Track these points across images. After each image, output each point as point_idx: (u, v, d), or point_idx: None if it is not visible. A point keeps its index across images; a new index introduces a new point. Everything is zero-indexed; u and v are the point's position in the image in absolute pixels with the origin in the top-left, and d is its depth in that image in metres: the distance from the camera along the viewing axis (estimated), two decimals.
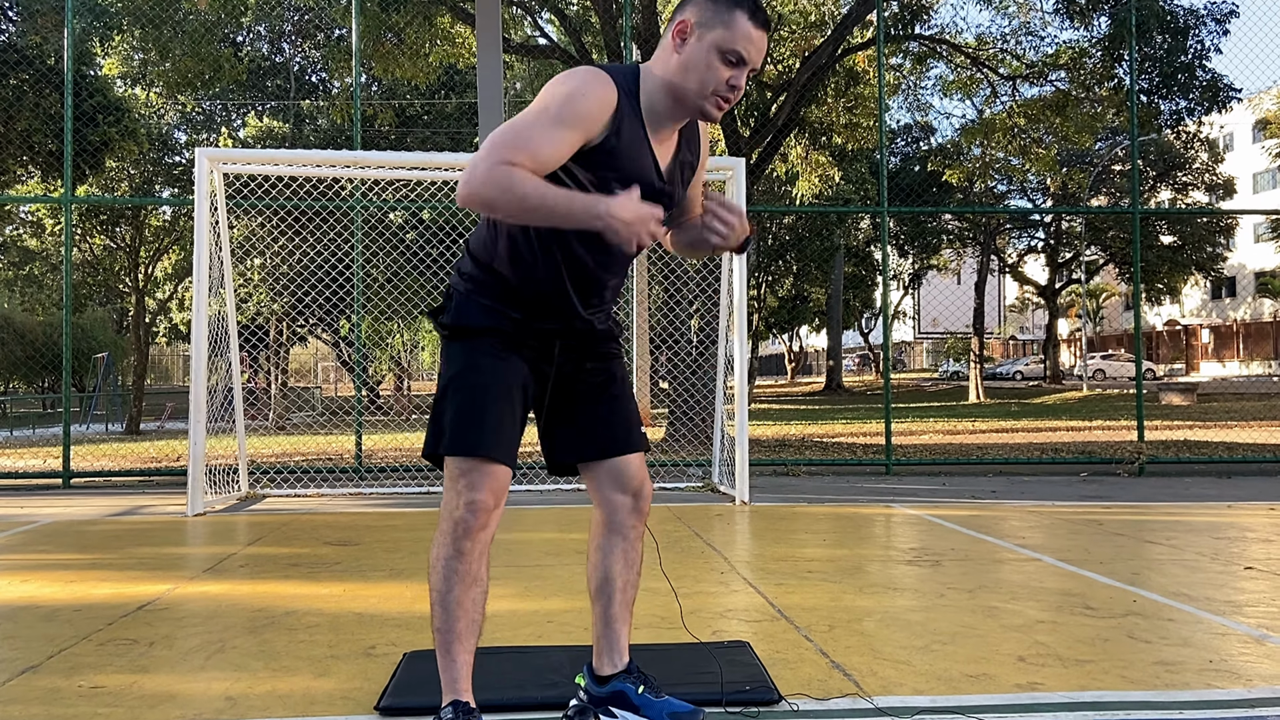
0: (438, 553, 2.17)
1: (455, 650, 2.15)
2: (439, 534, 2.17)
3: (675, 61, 2.06)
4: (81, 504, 7.18)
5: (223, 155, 6.49)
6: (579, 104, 1.98)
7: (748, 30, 2.01)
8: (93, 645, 3.19)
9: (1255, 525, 5.76)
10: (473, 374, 2.18)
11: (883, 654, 3.01)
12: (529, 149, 1.94)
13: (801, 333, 56.41)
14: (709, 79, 2.04)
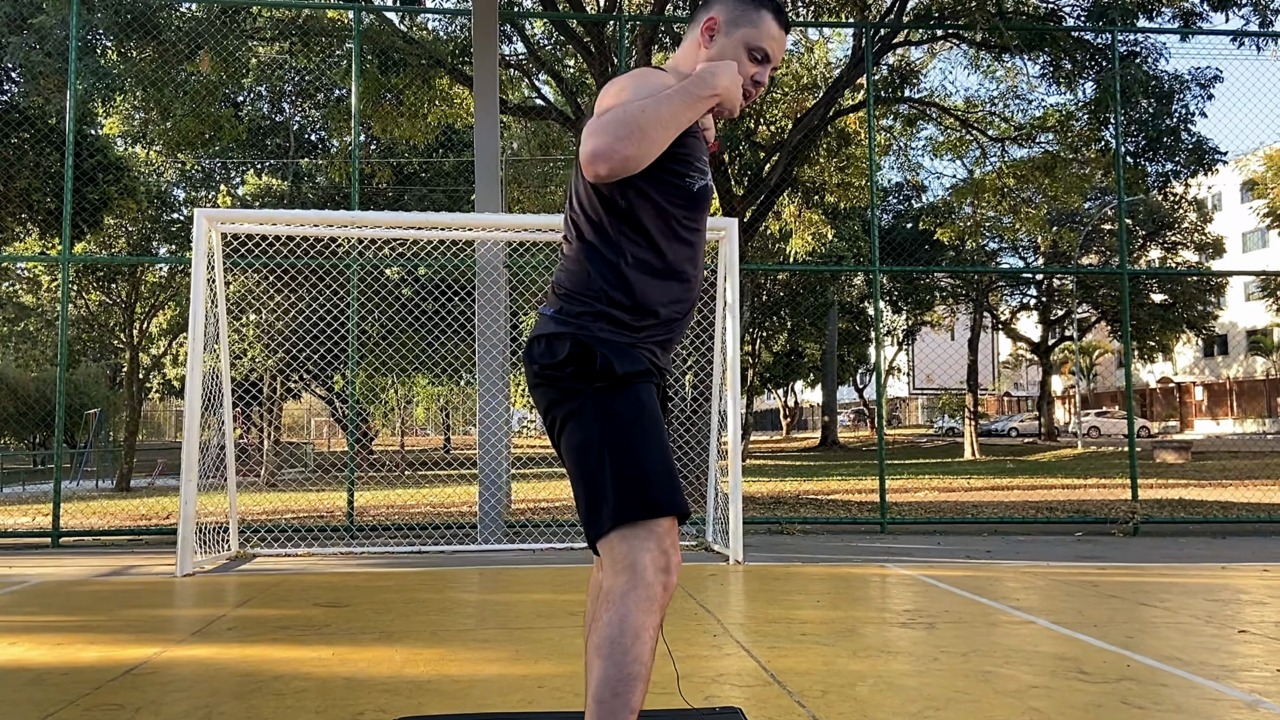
0: (641, 621, 1.91)
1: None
2: (631, 602, 1.92)
3: (704, 56, 2.12)
4: (70, 564, 7.12)
5: (221, 215, 6.56)
6: (652, 80, 2.01)
7: (773, 29, 2.10)
8: (79, 710, 3.16)
9: (1249, 587, 5.74)
10: (649, 421, 2.00)
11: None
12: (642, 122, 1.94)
13: (796, 388, 56.51)
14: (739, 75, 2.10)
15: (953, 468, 23.89)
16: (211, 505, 7.41)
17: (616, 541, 1.94)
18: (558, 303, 2.08)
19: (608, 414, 1.99)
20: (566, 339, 2.03)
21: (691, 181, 2.05)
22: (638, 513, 1.92)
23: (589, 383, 2.00)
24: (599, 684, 1.86)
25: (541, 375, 2.05)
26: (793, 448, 39.63)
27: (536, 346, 2.07)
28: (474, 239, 7.13)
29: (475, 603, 5.10)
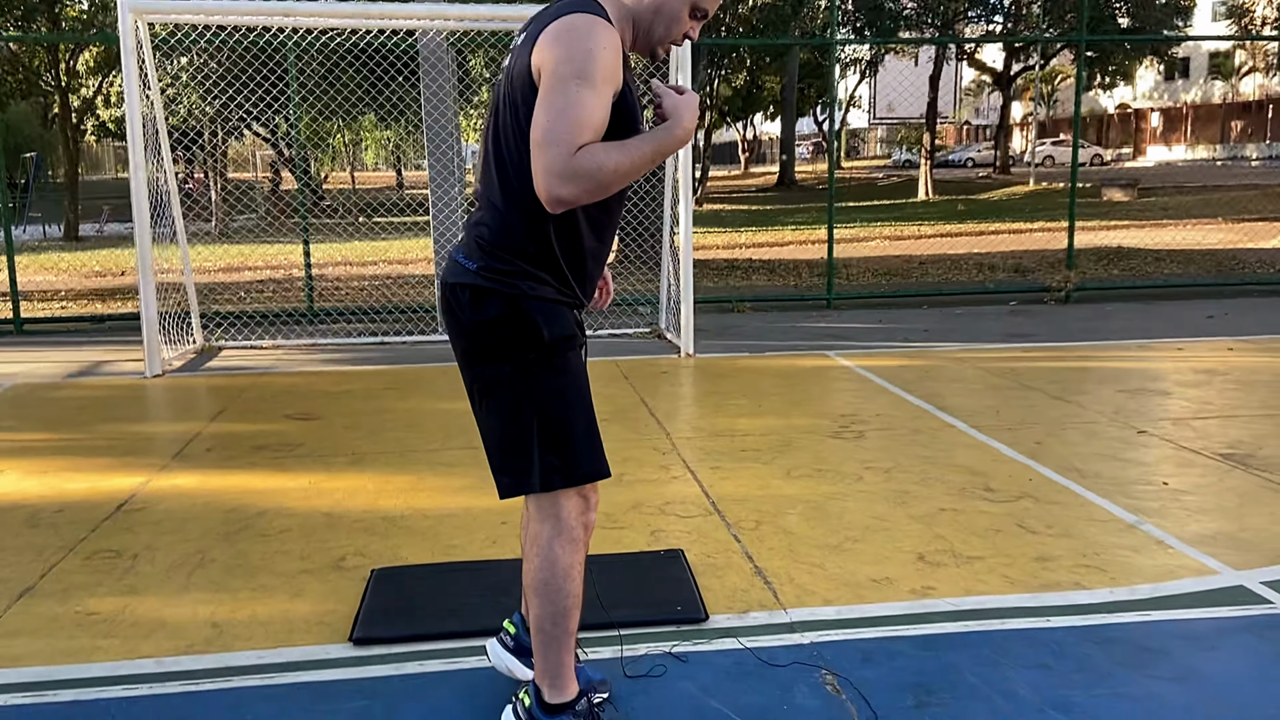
0: (568, 561, 2.12)
1: (571, 647, 2.19)
2: (557, 546, 2.13)
3: (648, 2, 2.05)
4: (37, 358, 7.29)
5: (147, 7, 6.21)
6: (605, 64, 1.90)
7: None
8: (79, 559, 3.47)
9: (1159, 371, 6.20)
10: (576, 389, 2.12)
11: (800, 555, 3.38)
12: (590, 127, 1.88)
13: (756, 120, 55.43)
14: (675, 29, 2.07)
15: (905, 210, 24.19)
16: (166, 263, 7.40)
17: (542, 496, 2.13)
18: (482, 258, 2.06)
19: (536, 383, 2.07)
20: (494, 297, 2.04)
21: None
22: (562, 482, 2.10)
23: (519, 349, 2.05)
24: (540, 618, 2.14)
25: (469, 329, 2.09)
26: (750, 185, 39.55)
27: (461, 295, 2.07)
28: (416, 28, 6.83)
29: (440, 414, 5.42)
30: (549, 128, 1.86)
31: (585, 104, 1.86)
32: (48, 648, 2.83)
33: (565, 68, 1.87)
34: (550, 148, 1.85)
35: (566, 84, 1.86)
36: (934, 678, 2.58)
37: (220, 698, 2.54)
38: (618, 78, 1.94)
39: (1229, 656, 2.67)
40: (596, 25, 1.91)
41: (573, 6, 1.96)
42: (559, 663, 2.15)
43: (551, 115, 1.86)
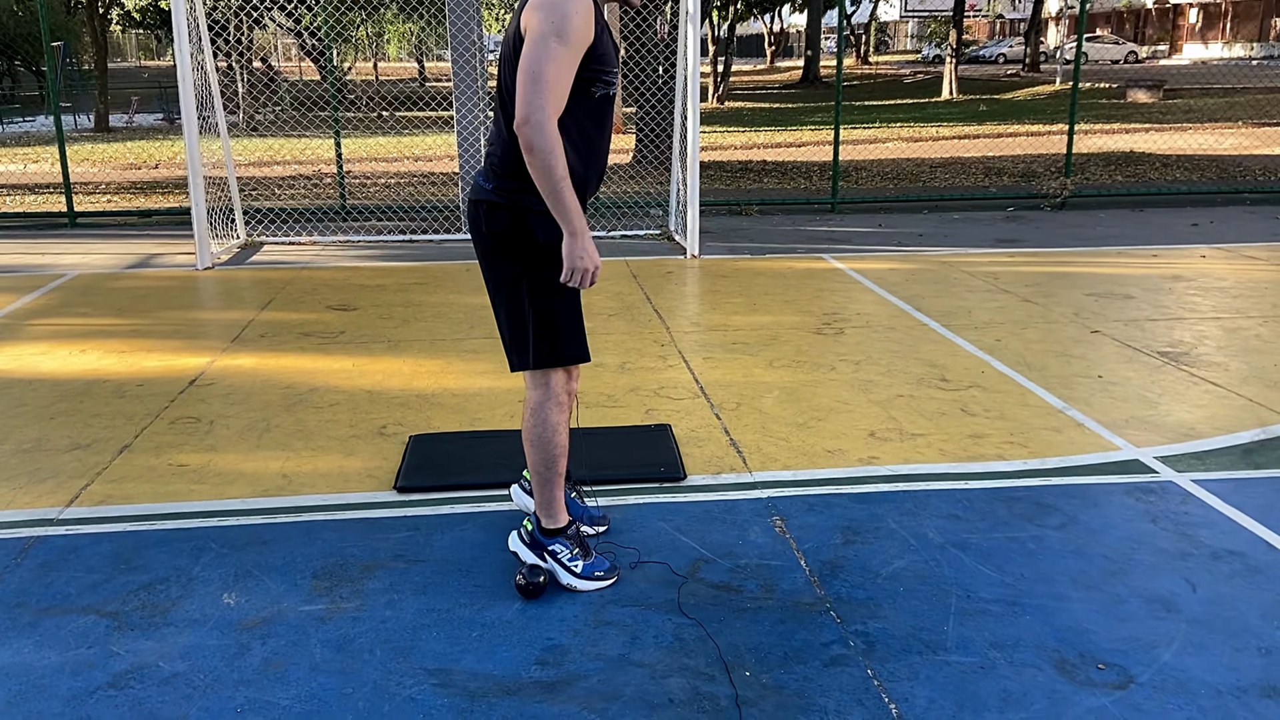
0: (555, 420, 2.70)
1: (560, 485, 2.80)
2: (546, 409, 2.70)
3: None
4: (93, 250, 7.92)
5: None
6: (579, 26, 2.41)
7: None
8: (165, 424, 4.14)
9: (1129, 276, 6.69)
10: (565, 287, 2.60)
11: (770, 431, 4.00)
12: (561, 87, 2.41)
13: (783, 12, 54.30)
14: None
15: (927, 111, 24.17)
16: (208, 155, 7.92)
17: (535, 370, 2.73)
18: (495, 179, 2.62)
19: (535, 279, 2.60)
20: (504, 211, 2.58)
21: (598, 90, 2.56)
22: (549, 362, 2.70)
23: (521, 254, 2.59)
24: (535, 464, 2.77)
25: (486, 237, 2.66)
26: (774, 81, 39.18)
27: (479, 210, 2.64)
28: None
29: (465, 306, 6.02)
30: (530, 71, 2.40)
31: (558, 57, 2.41)
32: (151, 490, 3.51)
33: (546, 26, 2.41)
34: (530, 84, 2.39)
35: (547, 39, 2.41)
36: (861, 523, 3.22)
37: (295, 527, 3.22)
38: (588, 36, 2.46)
39: (1105, 511, 3.29)
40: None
41: None
42: (552, 498, 2.79)
43: (531, 60, 2.41)
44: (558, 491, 2.80)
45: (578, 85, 2.51)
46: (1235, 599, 2.74)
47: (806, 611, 2.71)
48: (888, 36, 67.35)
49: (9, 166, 15.70)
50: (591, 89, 2.55)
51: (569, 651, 2.54)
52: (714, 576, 2.90)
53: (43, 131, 24.06)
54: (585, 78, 2.51)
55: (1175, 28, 49.27)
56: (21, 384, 4.66)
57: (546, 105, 2.40)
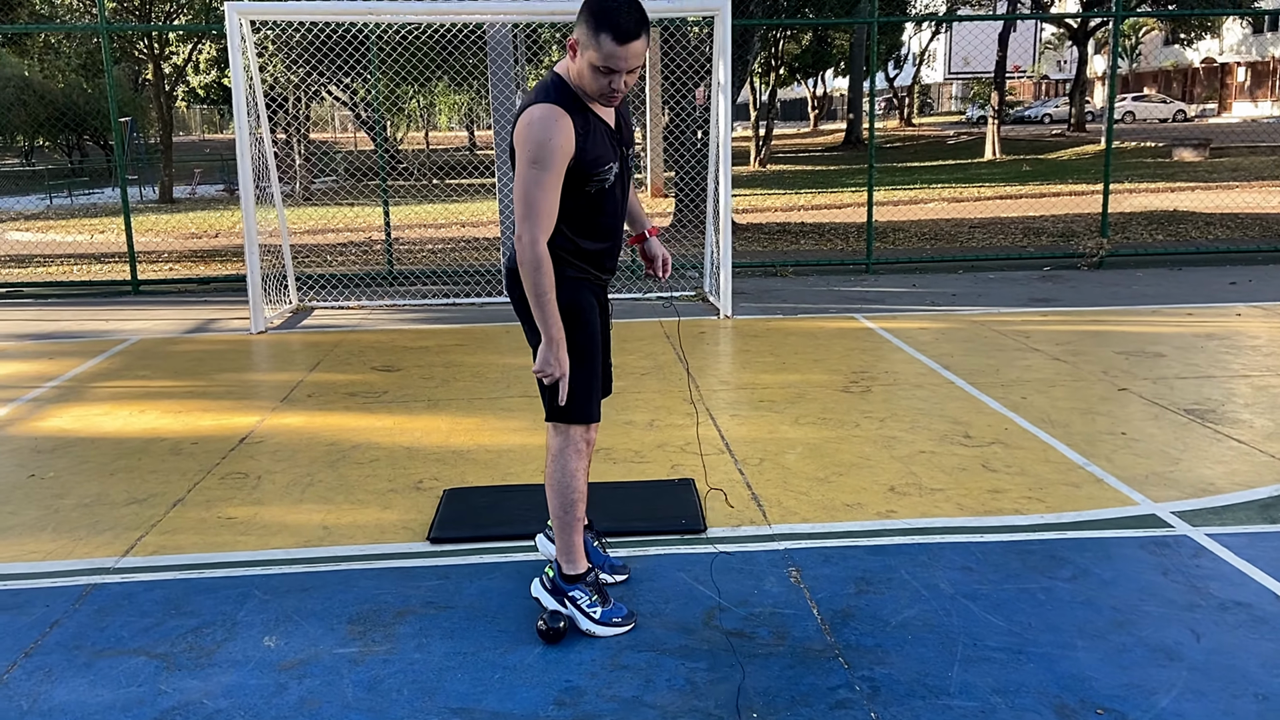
0: (574, 467, 2.89)
1: (579, 530, 2.98)
2: (565, 455, 2.89)
3: (574, 69, 2.73)
4: (154, 316, 8.30)
5: (250, 8, 7.06)
6: (556, 147, 2.64)
7: (613, 49, 2.59)
8: (216, 479, 4.37)
9: (1163, 335, 6.72)
10: (586, 343, 2.83)
11: (791, 486, 4.12)
12: (548, 207, 2.67)
13: (826, 76, 55.04)
14: (595, 86, 2.71)
15: (970, 171, 24.32)
16: (263, 223, 8.28)
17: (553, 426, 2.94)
18: None
19: None
20: None
21: (593, 187, 2.78)
22: (561, 418, 2.90)
23: None
24: (554, 509, 2.95)
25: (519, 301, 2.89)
26: (817, 144, 39.62)
27: (513, 277, 2.89)
28: (483, 22, 7.55)
29: (502, 367, 6.24)
30: (520, 195, 2.68)
31: (541, 182, 2.66)
32: (201, 541, 3.72)
33: (527, 155, 2.67)
34: (520, 206, 2.67)
35: (529, 167, 2.66)
36: (874, 574, 3.31)
37: (334, 576, 3.39)
38: (569, 151, 2.68)
39: (1117, 563, 3.35)
40: (550, 114, 2.65)
41: (537, 96, 2.71)
42: (571, 543, 2.94)
43: (520, 186, 2.67)
44: (576, 537, 2.95)
45: (573, 188, 2.76)
46: (1238, 648, 2.79)
47: (816, 657, 2.81)
48: (931, 99, 67.83)
49: (78, 236, 16.43)
50: (585, 188, 2.80)
51: (585, 693, 2.66)
52: (728, 623, 3.01)
53: (109, 203, 25.12)
54: (577, 181, 2.76)
55: (1223, 86, 49.06)
56: (85, 442, 4.93)
57: (536, 229, 2.67)
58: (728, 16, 7.20)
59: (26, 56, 30.86)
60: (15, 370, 6.45)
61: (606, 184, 2.82)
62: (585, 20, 2.63)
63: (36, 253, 14.21)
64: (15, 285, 9.97)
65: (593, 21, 2.60)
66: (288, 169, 27.26)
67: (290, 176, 27.07)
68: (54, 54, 30.61)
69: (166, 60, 28.37)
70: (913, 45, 53.98)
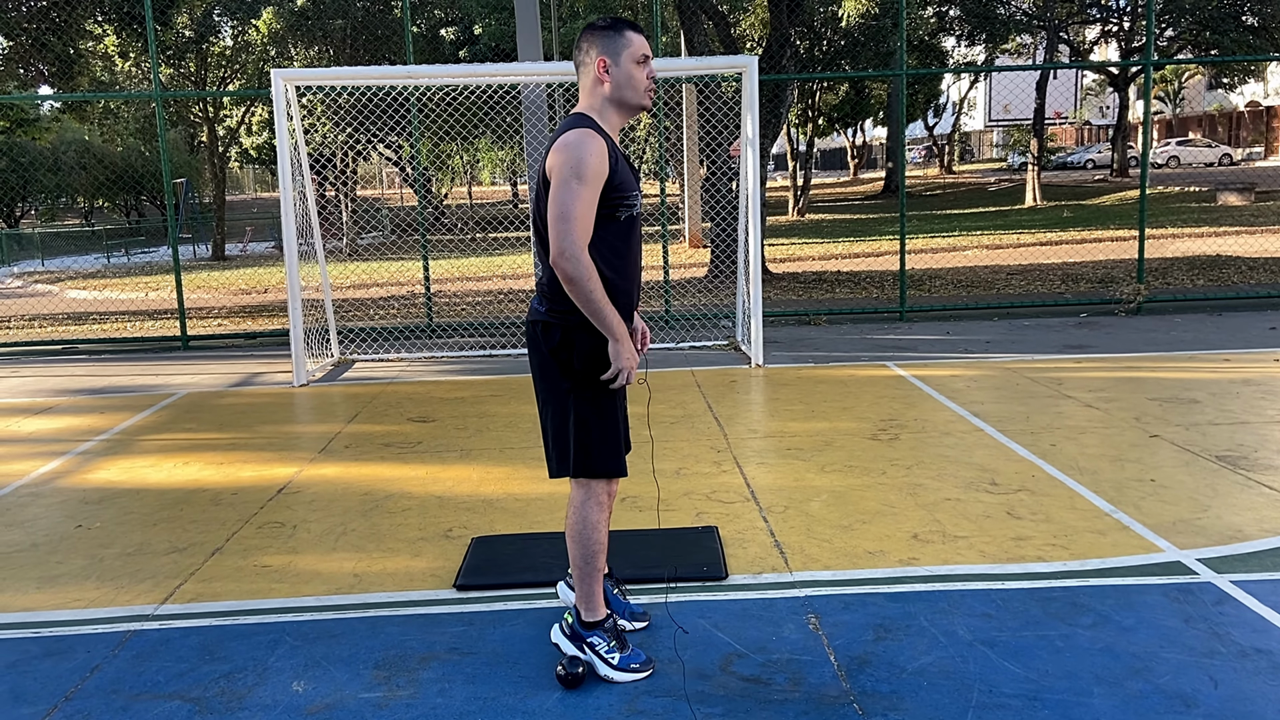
0: (595, 519, 2.94)
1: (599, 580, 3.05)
2: (588, 508, 2.94)
3: (609, 87, 2.89)
4: (202, 370, 8.56)
5: (295, 75, 7.37)
6: (594, 165, 2.76)
7: (640, 39, 2.90)
8: (253, 528, 4.49)
9: (1199, 381, 6.67)
10: (601, 408, 2.90)
11: (814, 533, 4.15)
12: (586, 220, 2.74)
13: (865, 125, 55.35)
14: (639, 82, 2.91)
15: (1010, 218, 24.25)
16: (307, 280, 8.55)
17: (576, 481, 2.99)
18: (545, 301, 2.94)
19: (581, 396, 2.89)
20: (555, 329, 2.88)
21: (623, 213, 2.87)
22: (586, 473, 2.95)
23: (571, 366, 2.87)
24: (575, 559, 3.00)
25: (544, 355, 2.95)
26: (856, 193, 39.73)
27: (536, 329, 2.95)
28: (517, 83, 7.80)
29: (533, 416, 6.34)
30: (561, 208, 2.72)
31: (580, 195, 2.74)
32: (237, 589, 3.83)
33: (566, 170, 2.76)
34: (560, 222, 2.71)
35: (568, 181, 2.74)
36: (893, 621, 3.33)
37: (362, 622, 3.48)
38: (604, 171, 2.78)
39: (1138, 610, 3.34)
40: (585, 136, 2.78)
41: (570, 125, 2.84)
42: (591, 591, 3.00)
43: (560, 198, 2.73)
44: (596, 586, 3.02)
45: (603, 213, 2.84)
46: (1256, 695, 2.77)
47: (831, 704, 2.84)
48: (971, 146, 67.81)
49: (133, 294, 16.95)
50: (616, 213, 2.87)
51: None
52: (745, 670, 3.05)
53: (164, 261, 25.88)
54: (608, 205, 2.84)
55: (1269, 129, 48.51)
56: (130, 494, 5.10)
57: (576, 239, 2.73)
58: (754, 73, 7.37)
59: (87, 122, 32.06)
60: (68, 424, 6.68)
61: (635, 210, 2.92)
62: (601, 35, 2.89)
63: (93, 309, 14.69)
64: (71, 342, 10.32)
65: (609, 31, 2.90)
66: (336, 225, 27.97)
67: (338, 232, 27.76)
68: (113, 119, 31.78)
69: (220, 123, 29.37)
70: (952, 93, 54.15)
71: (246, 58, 25.25)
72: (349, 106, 23.04)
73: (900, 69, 9.21)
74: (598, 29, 2.91)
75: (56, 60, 14.78)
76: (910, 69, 9.17)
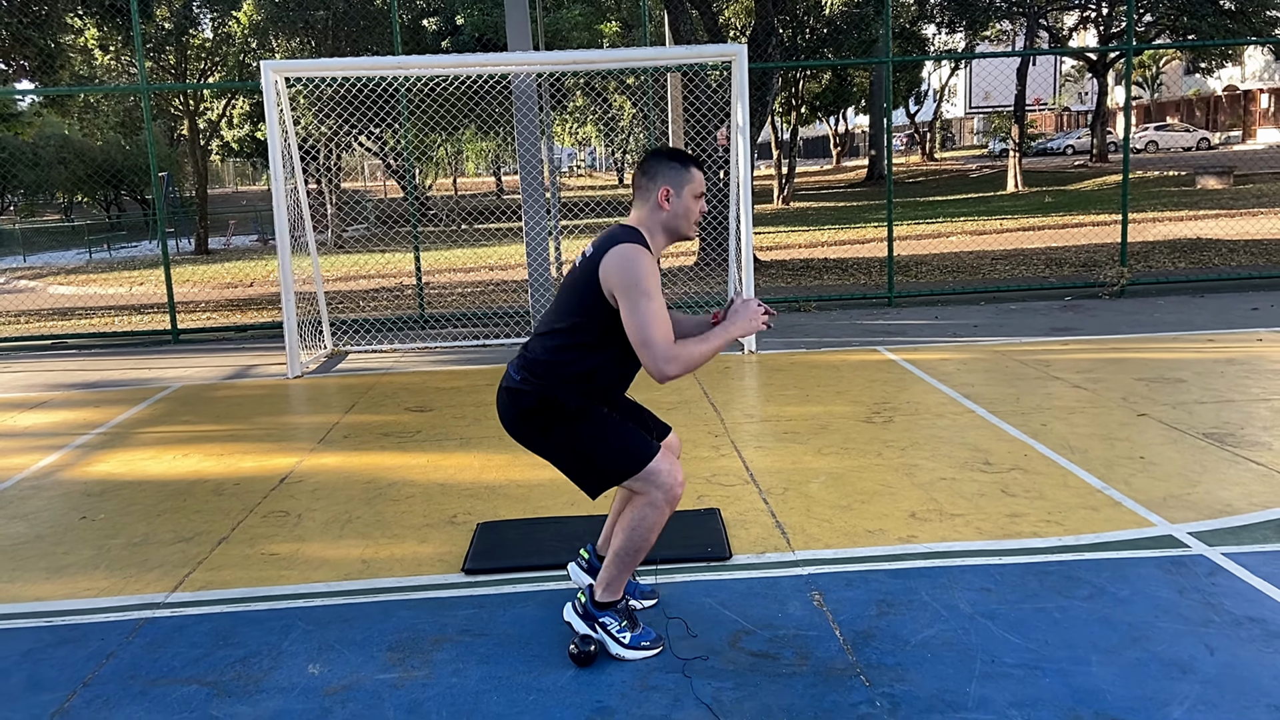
0: (656, 519, 2.96)
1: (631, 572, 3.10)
2: (656, 504, 2.94)
3: (666, 214, 3.02)
4: (194, 363, 8.56)
5: (285, 67, 7.36)
6: (653, 277, 2.89)
7: (701, 176, 3.05)
8: (258, 518, 4.53)
9: (1183, 362, 6.78)
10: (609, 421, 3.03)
11: (814, 514, 4.23)
12: (666, 328, 2.85)
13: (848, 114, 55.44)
14: (694, 215, 3.06)
15: (992, 204, 24.41)
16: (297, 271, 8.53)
17: (633, 482, 3.00)
18: (521, 374, 3.02)
19: (577, 429, 2.99)
20: (530, 395, 2.99)
21: None
22: (635, 466, 2.98)
23: (555, 415, 2.98)
24: (620, 547, 3.02)
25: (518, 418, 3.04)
26: (840, 181, 39.86)
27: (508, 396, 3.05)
28: (508, 72, 7.82)
29: None
30: (640, 333, 2.83)
31: (651, 310, 2.84)
32: (245, 576, 3.88)
33: (631, 288, 2.84)
34: (647, 346, 2.83)
35: (637, 300, 2.84)
36: (896, 596, 3.41)
37: (373, 607, 3.53)
38: (658, 278, 2.93)
39: (1133, 582, 3.43)
40: (639, 253, 2.89)
41: (620, 237, 2.93)
42: (620, 578, 3.07)
43: (637, 323, 2.83)
44: (626, 575, 3.08)
45: None
46: (1251, 662, 2.86)
47: (838, 676, 2.91)
48: (952, 133, 68.04)
49: (117, 289, 16.87)
50: None
51: (616, 712, 2.78)
52: (753, 646, 3.12)
53: (147, 255, 25.73)
54: None
55: (1247, 113, 48.90)
56: (132, 485, 5.13)
57: (662, 352, 2.83)
58: (744, 61, 7.41)
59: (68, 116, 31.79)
60: (63, 418, 6.69)
61: None
62: (670, 166, 3.03)
63: (78, 305, 14.63)
64: (60, 337, 10.29)
65: (679, 164, 3.04)
66: (321, 218, 27.85)
67: (323, 225, 27.64)
68: (93, 113, 31.53)
69: (201, 116, 29.18)
70: (933, 81, 54.32)
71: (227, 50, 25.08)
72: (332, 99, 22.94)
73: (885, 56, 9.28)
74: (667, 159, 3.03)
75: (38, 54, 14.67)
76: (894, 56, 9.22)
